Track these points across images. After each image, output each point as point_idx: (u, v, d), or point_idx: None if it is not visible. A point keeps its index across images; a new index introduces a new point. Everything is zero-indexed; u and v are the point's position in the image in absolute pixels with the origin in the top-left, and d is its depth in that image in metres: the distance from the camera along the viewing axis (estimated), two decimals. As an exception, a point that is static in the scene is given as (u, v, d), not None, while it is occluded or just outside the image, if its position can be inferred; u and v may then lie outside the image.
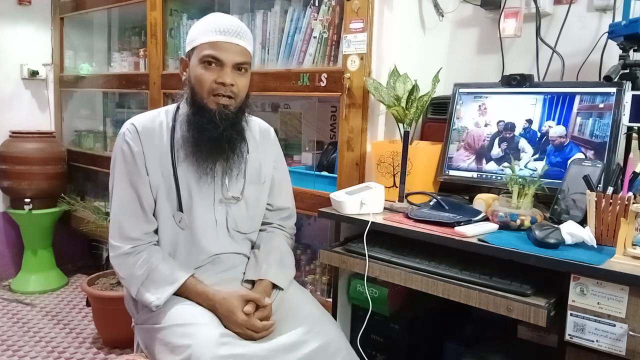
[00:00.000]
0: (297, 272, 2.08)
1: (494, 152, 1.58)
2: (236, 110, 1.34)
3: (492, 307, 1.16)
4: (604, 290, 1.05)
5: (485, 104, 1.61)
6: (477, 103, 1.63)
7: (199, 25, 1.34)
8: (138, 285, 1.29)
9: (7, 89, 3.15)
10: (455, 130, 1.65)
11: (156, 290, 1.27)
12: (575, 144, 1.45)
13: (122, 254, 1.31)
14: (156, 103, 2.45)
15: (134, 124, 1.36)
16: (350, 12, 1.70)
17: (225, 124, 1.31)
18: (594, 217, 1.18)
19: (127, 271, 1.31)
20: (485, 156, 1.60)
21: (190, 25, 2.34)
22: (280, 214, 1.55)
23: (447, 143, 1.67)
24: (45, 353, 2.34)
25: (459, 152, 1.64)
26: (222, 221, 1.39)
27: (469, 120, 1.64)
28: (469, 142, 1.63)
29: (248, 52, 1.34)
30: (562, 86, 1.52)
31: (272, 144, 1.54)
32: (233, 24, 1.32)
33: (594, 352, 1.08)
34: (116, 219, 1.33)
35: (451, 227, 1.31)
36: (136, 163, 1.32)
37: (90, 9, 2.94)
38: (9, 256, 3.20)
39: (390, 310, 1.56)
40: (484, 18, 1.88)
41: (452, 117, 1.67)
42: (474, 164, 1.61)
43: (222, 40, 1.28)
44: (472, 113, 1.64)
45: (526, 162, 1.52)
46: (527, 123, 1.54)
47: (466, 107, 1.65)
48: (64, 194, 2.98)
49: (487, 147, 1.60)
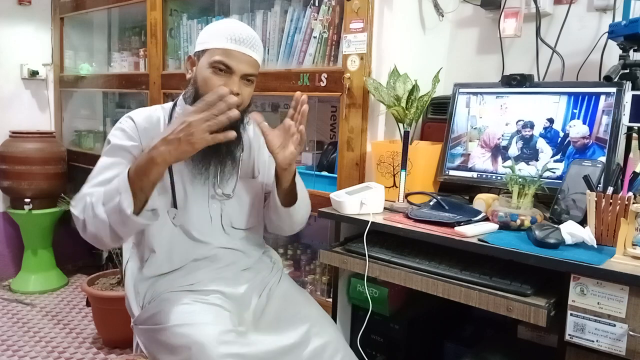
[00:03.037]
0: (297, 272, 2.10)
1: (511, 151, 1.55)
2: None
3: (492, 307, 1.16)
4: (604, 290, 1.05)
5: (507, 103, 1.57)
6: (498, 101, 1.59)
7: (214, 28, 1.33)
8: (98, 205, 1.17)
9: (7, 89, 3.15)
10: (476, 130, 1.61)
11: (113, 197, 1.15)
12: (600, 146, 1.39)
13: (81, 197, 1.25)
14: (156, 103, 2.42)
15: (131, 117, 1.35)
16: (350, 12, 1.70)
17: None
18: (594, 217, 1.18)
19: (81, 204, 1.22)
20: (502, 155, 1.56)
21: (190, 25, 2.36)
22: None
23: (447, 143, 1.67)
24: (45, 353, 2.34)
25: (475, 150, 1.61)
26: (216, 217, 1.39)
27: (489, 118, 1.60)
28: (485, 140, 1.59)
29: (258, 64, 1.34)
30: (562, 86, 1.52)
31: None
32: (248, 35, 1.31)
33: (594, 352, 1.08)
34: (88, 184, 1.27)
35: (451, 227, 1.31)
36: (130, 150, 1.30)
37: (90, 9, 2.94)
38: (9, 256, 3.20)
39: (390, 310, 1.56)
40: (484, 18, 1.88)
41: (452, 117, 1.67)
42: (489, 162, 1.57)
43: (236, 50, 1.28)
44: (493, 111, 1.60)
45: (545, 162, 1.47)
46: (548, 122, 1.48)
47: (487, 106, 1.61)
48: (64, 194, 2.99)
49: (504, 146, 1.56)
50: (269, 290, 1.40)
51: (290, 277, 1.54)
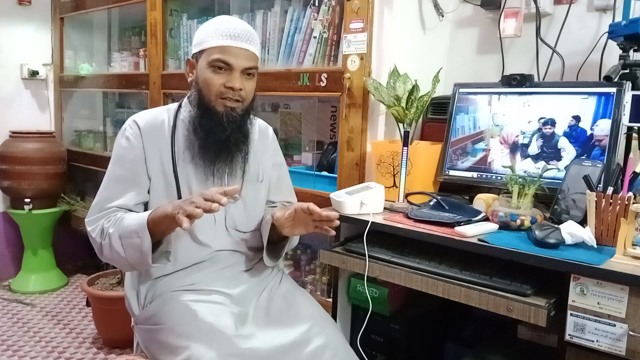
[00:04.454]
0: (297, 272, 2.09)
1: (531, 150, 1.50)
2: (243, 113, 1.34)
3: (492, 307, 1.16)
4: (604, 290, 1.05)
5: (530, 100, 1.52)
6: (522, 99, 1.54)
7: (208, 27, 1.33)
8: (116, 237, 1.25)
9: (7, 89, 3.15)
10: (498, 127, 1.57)
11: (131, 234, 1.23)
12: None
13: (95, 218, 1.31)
14: (156, 103, 2.45)
15: (136, 121, 1.36)
16: (350, 12, 1.70)
17: (233, 126, 1.32)
18: (594, 217, 1.18)
19: (98, 228, 1.29)
20: (521, 153, 1.52)
21: (190, 25, 2.36)
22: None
23: (447, 143, 1.67)
24: (45, 353, 2.35)
25: (494, 146, 1.57)
26: (220, 219, 1.39)
27: (510, 116, 1.56)
28: (504, 137, 1.55)
29: (256, 56, 1.35)
30: (562, 86, 1.52)
31: (271, 143, 1.54)
32: (243, 29, 1.31)
33: (594, 352, 1.08)
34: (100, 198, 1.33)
35: (451, 227, 1.31)
36: (134, 161, 1.33)
37: (90, 9, 2.94)
38: (9, 256, 3.20)
39: (390, 310, 1.56)
40: (484, 18, 1.88)
41: (452, 117, 1.67)
42: (508, 159, 1.53)
43: (232, 45, 1.28)
44: (515, 109, 1.55)
45: (567, 164, 1.39)
46: (574, 120, 1.40)
47: (509, 104, 1.57)
48: (64, 194, 2.99)
49: (524, 144, 1.51)
50: (270, 290, 1.40)
51: (290, 277, 1.54)
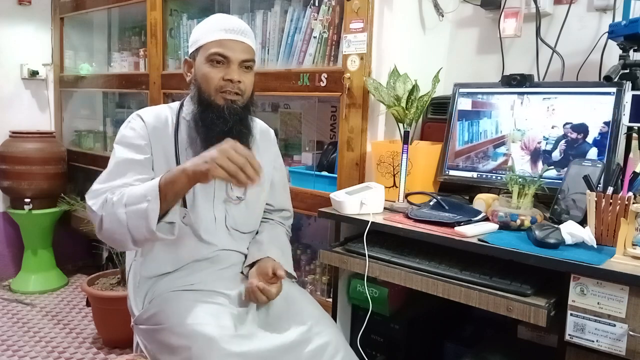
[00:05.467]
0: (297, 272, 2.09)
1: (554, 155, 1.46)
2: (243, 106, 1.35)
3: (492, 307, 1.16)
4: (604, 290, 1.05)
5: (554, 104, 1.47)
6: (545, 103, 1.49)
7: (203, 25, 1.35)
8: (120, 206, 1.17)
9: (7, 89, 3.15)
10: (519, 132, 1.53)
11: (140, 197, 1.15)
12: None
13: (99, 192, 1.24)
14: (156, 103, 2.45)
15: (140, 115, 1.36)
16: (350, 12, 1.70)
17: (235, 118, 1.32)
18: (594, 217, 1.18)
19: (100, 200, 1.21)
20: (543, 159, 1.48)
21: (190, 25, 2.36)
22: (281, 214, 1.57)
23: (447, 143, 1.67)
24: (45, 353, 2.34)
25: (515, 152, 1.53)
26: (221, 219, 1.39)
27: (534, 120, 1.51)
28: (525, 142, 1.51)
29: (253, 49, 1.36)
30: (562, 86, 1.52)
31: (272, 145, 1.55)
32: (237, 23, 1.34)
33: (594, 352, 1.08)
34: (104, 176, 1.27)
35: (451, 227, 1.31)
36: (143, 148, 1.31)
37: (90, 9, 2.94)
38: (9, 256, 3.20)
39: (390, 310, 1.56)
40: (484, 18, 1.88)
41: (452, 117, 1.67)
42: (528, 165, 1.50)
43: (228, 38, 1.30)
44: (539, 114, 1.50)
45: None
46: (606, 126, 1.35)
47: (532, 108, 1.52)
48: (64, 194, 2.99)
49: (548, 150, 1.47)
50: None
51: (290, 277, 1.54)
